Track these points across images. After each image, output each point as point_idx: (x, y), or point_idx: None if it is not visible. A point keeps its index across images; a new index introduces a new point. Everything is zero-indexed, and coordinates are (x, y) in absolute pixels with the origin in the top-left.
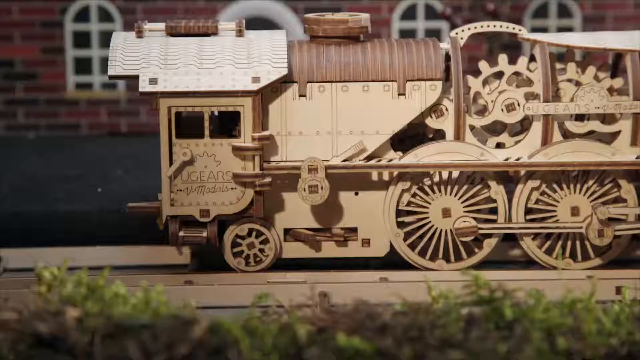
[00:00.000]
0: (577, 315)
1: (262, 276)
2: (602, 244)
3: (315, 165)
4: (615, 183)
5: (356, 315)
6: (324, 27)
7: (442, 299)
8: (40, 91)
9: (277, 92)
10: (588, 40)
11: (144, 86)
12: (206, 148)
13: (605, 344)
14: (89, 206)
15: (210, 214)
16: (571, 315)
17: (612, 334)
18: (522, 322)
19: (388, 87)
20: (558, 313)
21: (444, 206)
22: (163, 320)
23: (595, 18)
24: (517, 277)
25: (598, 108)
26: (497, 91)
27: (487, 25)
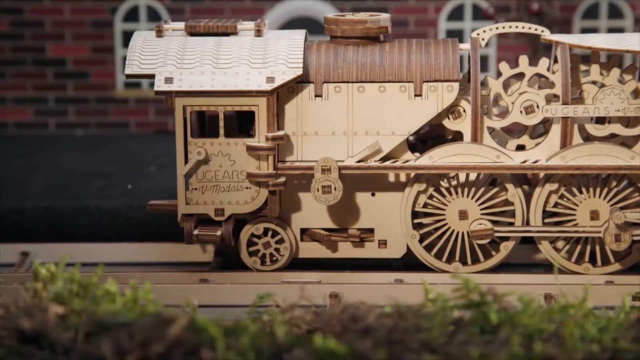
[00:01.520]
0: (560, 321)
1: (277, 275)
2: (619, 249)
3: (328, 165)
4: (636, 187)
5: (341, 317)
6: (343, 27)
7: (432, 302)
8: (90, 90)
9: (293, 92)
10: (610, 42)
11: (159, 85)
12: (221, 147)
13: (584, 350)
14: (118, 202)
15: (225, 212)
16: (554, 321)
17: (594, 341)
18: (504, 327)
19: (404, 87)
20: (539, 318)
21: (461, 208)
22: (142, 318)
23: None
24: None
25: (618, 111)
26: (517, 92)
27: (509, 27)
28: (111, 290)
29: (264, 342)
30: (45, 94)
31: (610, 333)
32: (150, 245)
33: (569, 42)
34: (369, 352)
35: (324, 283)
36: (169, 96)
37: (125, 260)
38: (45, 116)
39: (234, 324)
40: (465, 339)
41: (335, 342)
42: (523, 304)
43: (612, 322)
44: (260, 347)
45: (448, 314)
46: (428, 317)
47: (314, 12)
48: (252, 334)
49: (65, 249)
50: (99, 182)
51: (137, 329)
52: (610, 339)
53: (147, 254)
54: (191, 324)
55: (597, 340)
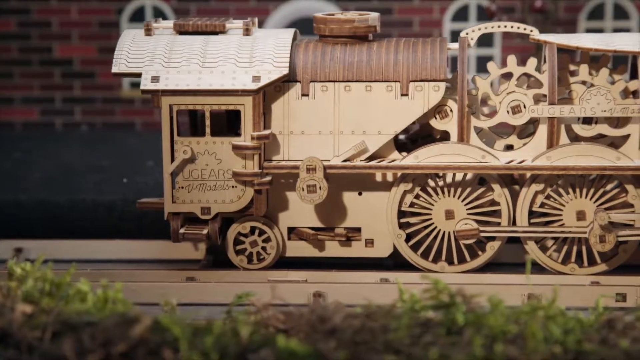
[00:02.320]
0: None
1: (264, 274)
2: (603, 249)
3: (313, 164)
4: (622, 188)
5: (309, 317)
6: (331, 26)
7: (402, 302)
8: (97, 90)
9: (280, 91)
10: (598, 42)
11: (146, 84)
12: (207, 146)
13: (546, 352)
14: (114, 196)
15: (211, 211)
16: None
17: (558, 342)
18: (468, 328)
19: (391, 87)
20: (504, 320)
21: (447, 208)
22: (106, 318)
23: None
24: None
25: (604, 111)
26: (505, 92)
27: (499, 26)
28: (83, 290)
29: (229, 342)
30: (52, 94)
31: (575, 335)
32: (144, 243)
33: (557, 42)
34: (330, 352)
35: (310, 282)
36: (155, 95)
37: (117, 258)
38: (52, 116)
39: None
40: (431, 340)
41: (297, 342)
42: (491, 305)
43: (578, 324)
44: (224, 347)
45: (417, 315)
46: (397, 318)
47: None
48: (217, 334)
49: (60, 246)
50: (96, 176)
51: (100, 329)
52: (574, 340)
53: (139, 251)
54: (155, 324)
55: (561, 341)
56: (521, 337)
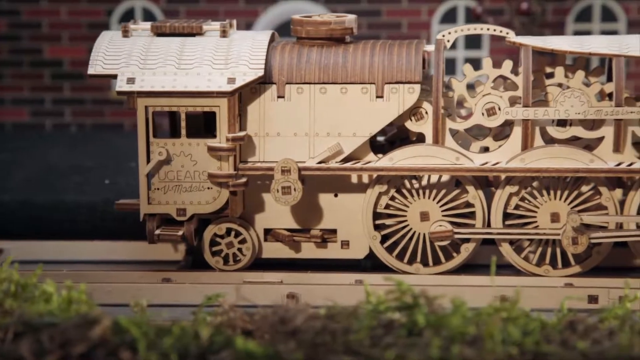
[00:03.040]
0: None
1: (240, 275)
2: (576, 251)
3: (288, 166)
4: (596, 190)
5: (272, 318)
6: (307, 28)
7: (367, 304)
8: (87, 91)
9: (256, 92)
10: (573, 45)
11: (121, 85)
12: (183, 148)
13: (502, 353)
14: (95, 197)
15: (186, 212)
16: (481, 323)
17: (516, 344)
18: (427, 329)
19: (366, 89)
20: (464, 321)
21: (422, 210)
22: (67, 319)
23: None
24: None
25: (578, 114)
26: (481, 94)
27: (474, 28)
28: (48, 291)
29: (190, 343)
30: (42, 95)
31: (534, 336)
32: (124, 244)
33: (532, 44)
34: (288, 353)
35: (285, 283)
36: (131, 96)
37: (97, 258)
38: (42, 117)
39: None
40: (392, 341)
41: (255, 343)
42: (453, 306)
43: (540, 326)
44: (185, 348)
45: (380, 316)
46: (359, 319)
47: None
48: (177, 335)
49: (40, 247)
50: (78, 176)
51: (59, 330)
52: (533, 342)
53: (120, 252)
54: (115, 325)
55: (519, 343)
56: (480, 339)
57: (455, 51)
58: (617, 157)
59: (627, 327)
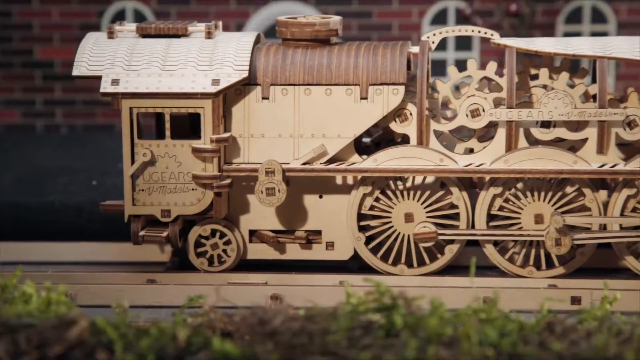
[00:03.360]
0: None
1: (224, 277)
2: (559, 253)
3: (272, 167)
4: (580, 191)
5: (250, 320)
6: (292, 29)
7: (346, 305)
8: (78, 92)
9: (241, 94)
10: (557, 46)
11: (106, 87)
12: (167, 149)
13: (478, 354)
14: (82, 199)
15: (171, 214)
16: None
17: (493, 345)
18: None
19: (350, 90)
20: (441, 322)
21: (407, 211)
22: (44, 320)
23: (630, 24)
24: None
25: (562, 115)
26: (465, 96)
27: (459, 30)
28: (27, 292)
29: (167, 344)
30: (34, 96)
31: (511, 337)
32: (111, 245)
33: (516, 45)
34: (264, 355)
35: (270, 285)
36: (115, 98)
37: (84, 260)
38: (33, 118)
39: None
40: (370, 342)
41: (232, 345)
42: (432, 307)
43: (518, 327)
44: (162, 349)
45: (359, 317)
46: (338, 321)
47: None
48: (154, 336)
49: (27, 248)
50: (66, 178)
51: (36, 331)
52: (509, 343)
53: (106, 254)
54: (92, 326)
55: (496, 344)
56: (456, 340)
57: (445, 52)
58: (601, 158)
59: (605, 329)
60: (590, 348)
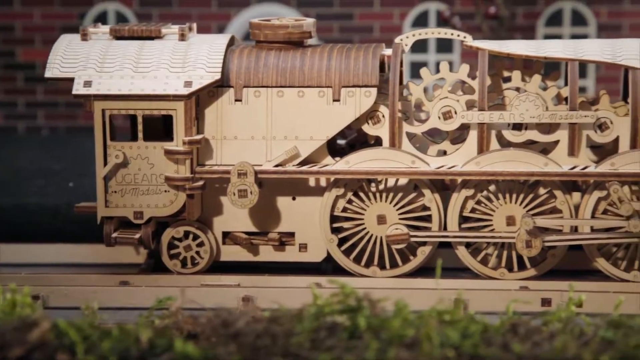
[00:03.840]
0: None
1: (197, 278)
2: (529, 255)
3: (244, 169)
4: (551, 194)
5: (214, 321)
6: (265, 32)
7: (311, 307)
8: (60, 94)
9: (214, 96)
10: (529, 49)
11: (78, 89)
12: (140, 151)
13: (439, 356)
14: (59, 200)
15: (144, 216)
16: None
17: (454, 346)
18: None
19: (323, 92)
20: (403, 324)
21: (379, 213)
22: (6, 322)
23: (610, 26)
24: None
25: (533, 117)
26: (438, 98)
27: (432, 32)
28: None
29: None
30: (15, 98)
31: (473, 339)
32: (87, 247)
33: (488, 48)
34: (226, 356)
35: (242, 286)
36: (88, 100)
37: (60, 261)
38: (15, 120)
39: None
40: (333, 344)
41: (193, 346)
42: (396, 309)
43: (482, 329)
44: (125, 351)
45: (324, 319)
46: (302, 322)
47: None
48: (116, 338)
49: (3, 250)
50: (43, 179)
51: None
52: (471, 345)
53: (82, 255)
54: (55, 328)
55: (457, 346)
56: (418, 342)
57: (426, 54)
58: (572, 160)
59: (567, 330)
60: (551, 350)
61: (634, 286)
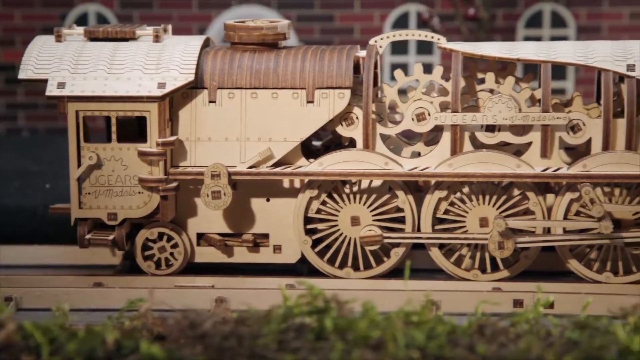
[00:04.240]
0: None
1: (172, 280)
2: (502, 256)
3: (218, 171)
4: (524, 195)
5: (182, 323)
6: (240, 34)
7: (279, 308)
8: (40, 95)
9: (188, 97)
10: (503, 51)
11: (52, 90)
12: (113, 152)
13: (404, 357)
14: (36, 201)
15: (117, 217)
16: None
17: (419, 348)
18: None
19: (297, 94)
20: (369, 325)
21: (353, 214)
22: None
23: (590, 28)
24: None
25: (506, 119)
26: (412, 100)
27: (406, 34)
28: None
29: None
30: None
31: (439, 340)
32: (63, 248)
33: (462, 50)
34: (190, 358)
35: (216, 288)
36: (61, 101)
37: (36, 263)
38: None
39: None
40: (299, 345)
41: (159, 348)
42: (363, 310)
43: (448, 330)
44: (91, 352)
45: (293, 320)
46: (269, 324)
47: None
48: (81, 339)
49: None
50: (22, 181)
51: None
52: (436, 346)
53: (59, 257)
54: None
55: (422, 347)
56: (384, 343)
57: (407, 56)
58: (545, 162)
59: (534, 331)
60: (516, 351)
61: (606, 287)
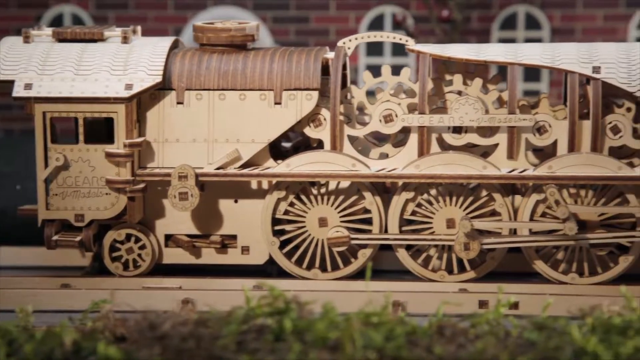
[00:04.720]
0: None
1: (139, 281)
2: (468, 257)
3: (185, 172)
4: (490, 196)
5: (142, 324)
6: (208, 35)
7: (240, 309)
8: None
9: (155, 98)
10: (470, 52)
11: (18, 91)
12: (81, 153)
13: (361, 358)
14: (5, 203)
15: (85, 218)
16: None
17: (377, 349)
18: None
19: (264, 96)
20: (327, 326)
21: (321, 216)
22: None
23: (564, 30)
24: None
25: (472, 121)
26: (380, 101)
27: (375, 36)
28: None
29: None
30: None
31: (397, 341)
32: (33, 250)
33: (429, 52)
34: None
35: (184, 289)
36: (28, 102)
37: (4, 264)
38: None
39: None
40: (258, 346)
41: (116, 349)
42: (323, 311)
43: (405, 331)
44: (49, 354)
45: (252, 321)
46: (229, 325)
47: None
48: (39, 340)
49: None
50: None
51: None
52: (394, 347)
53: (28, 258)
54: None
55: (380, 348)
56: (342, 344)
57: (382, 57)
58: (512, 163)
59: (493, 332)
60: (473, 351)
61: (572, 288)
